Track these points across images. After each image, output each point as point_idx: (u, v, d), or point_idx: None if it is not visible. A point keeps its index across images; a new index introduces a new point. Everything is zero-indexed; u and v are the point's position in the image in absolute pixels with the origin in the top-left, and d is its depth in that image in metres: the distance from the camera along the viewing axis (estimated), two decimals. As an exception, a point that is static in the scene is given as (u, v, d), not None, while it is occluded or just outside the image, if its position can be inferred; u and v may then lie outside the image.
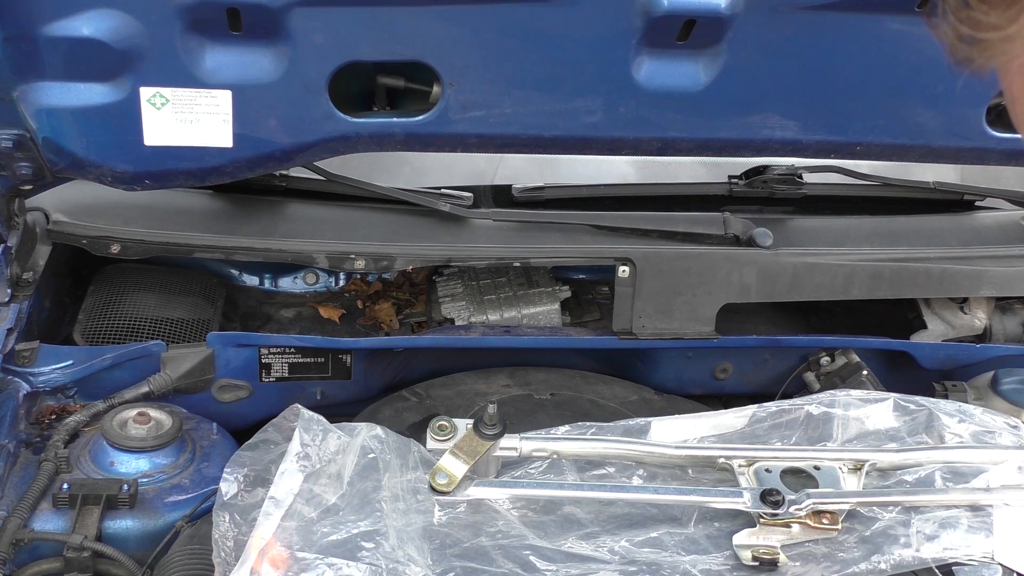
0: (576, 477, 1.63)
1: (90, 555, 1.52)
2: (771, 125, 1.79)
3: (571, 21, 1.61)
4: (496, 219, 2.04)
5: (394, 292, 2.25)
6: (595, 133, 1.77)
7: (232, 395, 1.96)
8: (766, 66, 1.69)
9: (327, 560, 1.38)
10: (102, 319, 2.00)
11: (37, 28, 1.52)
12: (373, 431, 1.58)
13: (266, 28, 1.56)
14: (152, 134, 1.66)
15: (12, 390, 1.75)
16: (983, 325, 2.16)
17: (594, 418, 1.77)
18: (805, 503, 1.54)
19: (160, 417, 1.74)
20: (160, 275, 2.13)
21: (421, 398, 1.98)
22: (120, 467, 1.67)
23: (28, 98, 1.61)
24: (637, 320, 1.99)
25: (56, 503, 1.58)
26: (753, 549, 1.51)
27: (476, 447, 1.56)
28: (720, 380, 2.15)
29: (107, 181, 1.75)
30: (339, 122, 1.69)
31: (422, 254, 1.98)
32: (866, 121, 1.81)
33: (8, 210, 1.84)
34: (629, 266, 1.96)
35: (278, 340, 1.97)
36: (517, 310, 2.09)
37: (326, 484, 1.50)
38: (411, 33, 1.61)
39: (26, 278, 1.89)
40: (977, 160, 1.94)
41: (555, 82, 1.70)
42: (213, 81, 1.62)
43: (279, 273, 2.24)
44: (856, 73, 1.72)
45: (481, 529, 1.51)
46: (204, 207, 2.04)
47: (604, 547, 1.51)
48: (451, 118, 1.70)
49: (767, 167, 2.24)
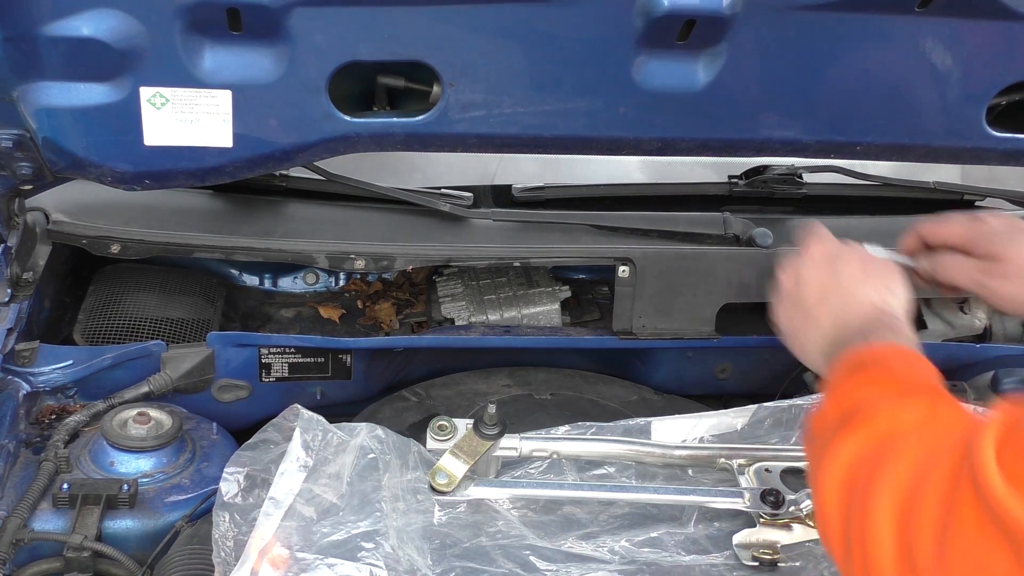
0: (576, 477, 1.63)
1: (90, 555, 1.52)
2: (771, 125, 1.79)
3: (571, 21, 1.61)
4: (496, 219, 2.04)
5: (394, 292, 2.25)
6: (595, 133, 1.77)
7: (232, 395, 1.96)
8: (766, 66, 1.69)
9: (327, 560, 1.38)
10: (102, 319, 2.00)
11: (37, 28, 1.52)
12: (373, 431, 1.58)
13: (266, 28, 1.56)
14: (152, 134, 1.66)
15: (12, 390, 1.75)
16: (983, 325, 2.16)
17: (594, 418, 1.77)
18: (805, 503, 1.54)
19: (160, 417, 1.74)
20: (160, 275, 2.13)
21: (421, 398, 1.98)
22: (120, 467, 1.67)
23: (28, 98, 1.61)
24: (637, 320, 1.99)
25: (56, 503, 1.58)
26: (753, 549, 1.51)
27: (476, 447, 1.56)
28: (720, 380, 2.15)
29: (107, 181, 1.75)
30: (339, 122, 1.69)
31: (422, 254, 1.97)
32: (866, 121, 1.80)
33: (8, 210, 1.84)
34: (629, 266, 1.96)
35: (278, 340, 1.97)
36: (517, 310, 2.09)
37: (326, 484, 1.50)
38: (411, 33, 1.61)
39: (26, 278, 1.89)
40: (977, 160, 1.94)
41: (555, 82, 1.70)
42: (213, 81, 1.62)
43: (279, 273, 2.24)
44: (856, 73, 1.72)
45: (481, 529, 1.51)
46: (204, 207, 2.04)
47: (604, 547, 1.51)
48: (451, 118, 1.70)
49: (767, 167, 2.24)
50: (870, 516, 1.04)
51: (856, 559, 1.06)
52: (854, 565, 1.07)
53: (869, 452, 1.11)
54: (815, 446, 1.22)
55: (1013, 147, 1.85)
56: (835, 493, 1.12)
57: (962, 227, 1.66)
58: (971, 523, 0.93)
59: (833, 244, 1.56)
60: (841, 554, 1.11)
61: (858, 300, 1.44)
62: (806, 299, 1.50)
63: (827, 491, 1.13)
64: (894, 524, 1.01)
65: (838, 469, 1.13)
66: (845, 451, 1.14)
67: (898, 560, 1.00)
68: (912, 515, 0.99)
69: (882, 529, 1.02)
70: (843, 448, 1.14)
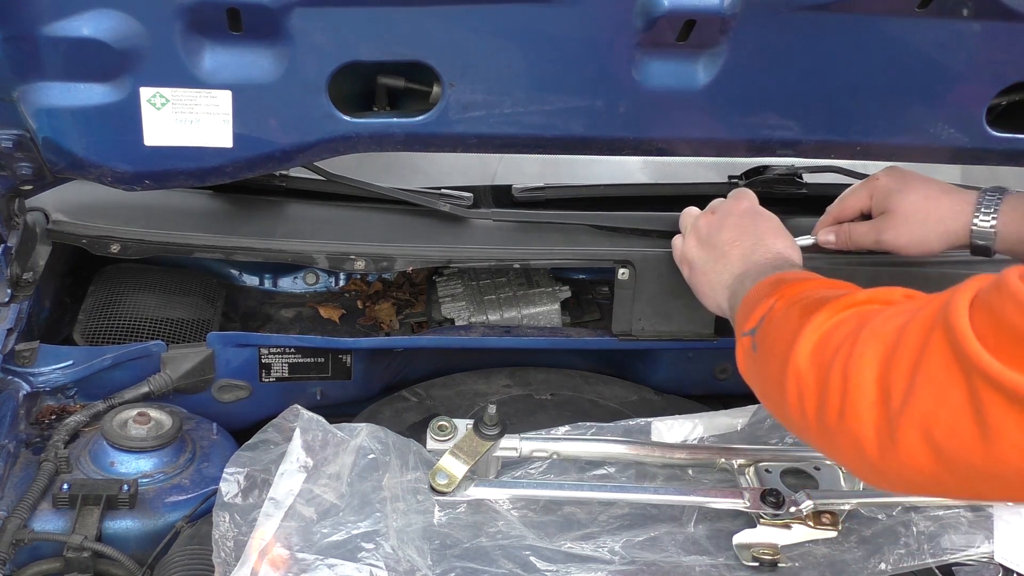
0: (576, 477, 1.63)
1: (90, 555, 1.52)
2: (771, 125, 1.79)
3: (571, 21, 1.61)
4: (496, 219, 2.04)
5: (394, 292, 2.25)
6: (595, 133, 1.77)
7: (232, 395, 1.96)
8: (766, 66, 1.69)
9: (327, 561, 1.38)
10: (102, 319, 2.00)
11: (37, 28, 1.52)
12: (373, 431, 1.58)
13: (266, 28, 1.56)
14: (152, 134, 1.66)
15: (12, 390, 1.75)
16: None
17: (594, 418, 1.78)
18: (805, 503, 1.54)
19: (160, 417, 1.74)
20: (160, 275, 2.13)
21: (421, 398, 1.98)
22: (120, 467, 1.67)
23: (28, 98, 1.61)
24: (636, 323, 1.99)
25: (56, 503, 1.58)
26: (753, 549, 1.51)
27: (476, 447, 1.56)
28: (720, 380, 2.15)
29: (107, 181, 1.75)
30: (339, 122, 1.69)
31: (422, 254, 1.97)
32: (866, 121, 1.80)
33: (8, 210, 1.84)
34: (629, 268, 1.96)
35: (278, 340, 1.97)
36: (517, 310, 2.09)
37: (326, 485, 1.50)
38: (411, 33, 1.61)
39: (26, 278, 1.89)
40: (977, 160, 1.94)
41: (555, 82, 1.70)
42: (213, 81, 1.62)
43: (279, 273, 2.24)
44: (856, 73, 1.72)
45: (481, 529, 1.51)
46: (204, 207, 2.04)
47: (604, 547, 1.51)
48: (451, 118, 1.70)
49: (767, 167, 2.23)
50: (854, 356, 1.14)
51: (832, 403, 1.16)
52: (829, 410, 1.17)
53: (851, 317, 1.21)
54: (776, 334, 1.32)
55: (1013, 147, 1.85)
56: (808, 354, 1.22)
57: (859, 194, 1.83)
58: (938, 360, 1.05)
59: (757, 206, 1.73)
60: (814, 409, 1.20)
61: (767, 247, 1.60)
62: (722, 238, 1.66)
63: (800, 357, 1.22)
64: (876, 368, 1.12)
65: (810, 340, 1.22)
66: (821, 326, 1.23)
67: (878, 400, 1.11)
68: (892, 360, 1.10)
69: (865, 374, 1.12)
70: (818, 323, 1.23)
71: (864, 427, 1.12)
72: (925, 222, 1.74)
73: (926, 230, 1.74)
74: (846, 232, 1.83)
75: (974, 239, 1.71)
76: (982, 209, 1.70)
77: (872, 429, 1.12)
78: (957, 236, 1.73)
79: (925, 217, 1.74)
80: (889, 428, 1.09)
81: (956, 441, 1.04)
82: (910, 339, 1.10)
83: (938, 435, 1.05)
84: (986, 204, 1.71)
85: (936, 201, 1.74)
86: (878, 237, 1.79)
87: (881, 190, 1.79)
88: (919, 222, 1.74)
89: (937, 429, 1.05)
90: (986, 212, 1.70)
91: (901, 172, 1.81)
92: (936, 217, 1.73)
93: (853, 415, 1.14)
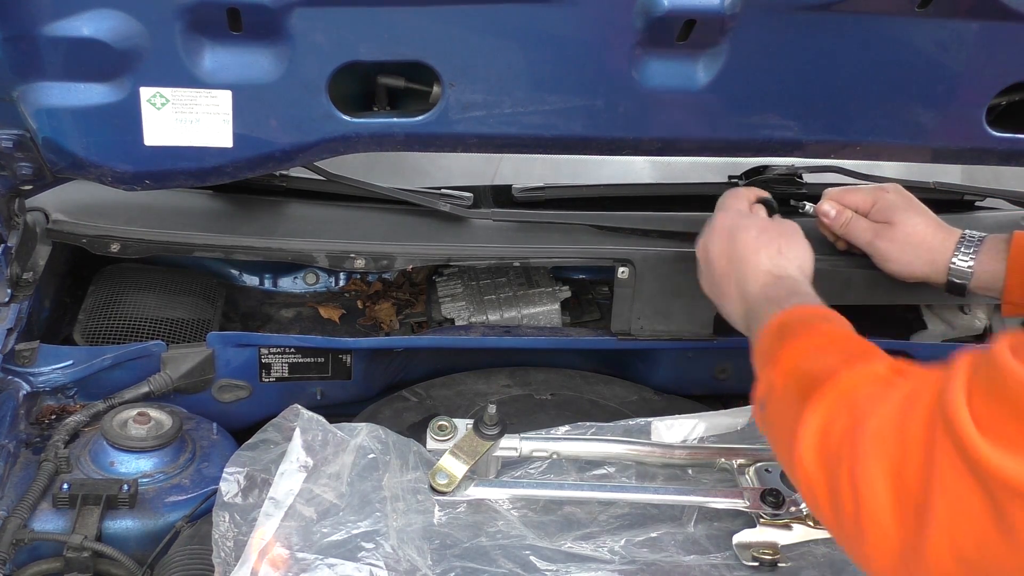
0: (576, 477, 1.63)
1: (90, 555, 1.52)
2: (771, 125, 1.79)
3: (571, 21, 1.61)
4: (496, 219, 2.04)
5: (394, 292, 2.25)
6: (595, 133, 1.77)
7: (232, 395, 1.96)
8: (766, 66, 1.69)
9: (327, 560, 1.38)
10: (102, 319, 2.00)
11: (37, 28, 1.52)
12: (373, 431, 1.58)
13: (266, 28, 1.56)
14: (152, 134, 1.66)
15: (12, 390, 1.75)
16: (983, 325, 2.16)
17: (594, 418, 1.77)
18: (805, 503, 1.54)
19: (160, 417, 1.74)
20: (160, 275, 2.13)
21: (421, 398, 1.98)
22: (120, 467, 1.68)
23: (28, 98, 1.61)
24: (636, 322, 1.99)
25: (56, 503, 1.59)
26: (753, 549, 1.51)
27: (476, 447, 1.56)
28: (720, 380, 2.15)
29: (107, 181, 1.75)
30: (339, 122, 1.69)
31: (422, 254, 1.98)
32: (866, 121, 1.81)
33: (8, 210, 1.84)
34: (628, 267, 1.96)
35: (278, 340, 1.97)
36: (517, 310, 2.09)
37: (326, 484, 1.50)
38: (411, 33, 1.61)
39: (26, 278, 1.89)
40: (977, 160, 1.94)
41: (555, 82, 1.70)
42: (213, 81, 1.62)
43: (279, 273, 2.24)
44: (856, 73, 1.72)
45: (481, 529, 1.51)
46: (204, 207, 2.04)
47: (604, 547, 1.51)
48: (451, 118, 1.70)
49: (767, 167, 2.23)
50: (860, 465, 1.11)
51: (847, 511, 1.12)
52: (845, 517, 1.13)
53: (843, 410, 1.19)
54: (779, 416, 1.30)
55: (1013, 147, 1.85)
56: (813, 453, 1.19)
57: (865, 195, 1.88)
58: (949, 471, 1.01)
59: (733, 215, 1.71)
60: (830, 512, 1.17)
61: (753, 269, 1.59)
62: (715, 273, 1.66)
63: (806, 454, 1.20)
64: (886, 480, 1.08)
65: (811, 434, 1.20)
66: (817, 416, 1.20)
67: (895, 515, 1.07)
68: (902, 473, 1.07)
69: (876, 486, 1.09)
70: (814, 414, 1.21)
71: (888, 541, 1.09)
72: (919, 246, 1.80)
73: (917, 254, 1.81)
74: (846, 216, 1.87)
75: (951, 277, 1.78)
76: (962, 249, 1.77)
77: (896, 542, 1.08)
78: (937, 270, 1.79)
79: (920, 242, 1.80)
80: (915, 542, 1.06)
81: (984, 551, 1.01)
82: (914, 445, 1.06)
83: (966, 550, 1.02)
84: (966, 245, 1.77)
85: (933, 231, 1.81)
86: (873, 239, 1.83)
87: (887, 202, 1.84)
88: (913, 244, 1.81)
89: (964, 543, 1.02)
90: (965, 252, 1.77)
91: (909, 195, 1.86)
92: (928, 246, 1.80)
93: (872, 527, 1.10)
